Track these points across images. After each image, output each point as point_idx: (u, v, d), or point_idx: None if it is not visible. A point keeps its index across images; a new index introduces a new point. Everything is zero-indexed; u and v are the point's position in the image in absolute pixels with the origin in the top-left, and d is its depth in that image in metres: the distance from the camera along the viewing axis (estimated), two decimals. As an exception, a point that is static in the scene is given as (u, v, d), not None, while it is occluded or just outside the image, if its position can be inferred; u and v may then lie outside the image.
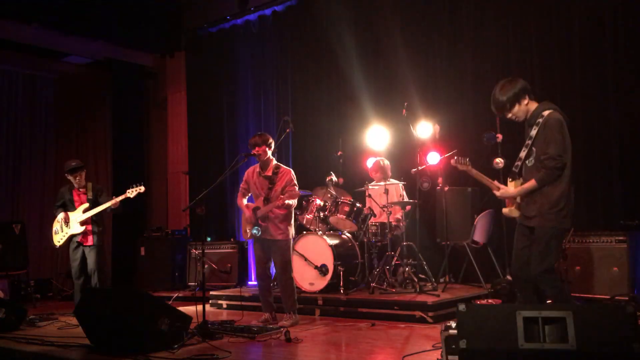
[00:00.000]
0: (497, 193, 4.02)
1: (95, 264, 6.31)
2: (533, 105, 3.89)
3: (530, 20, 6.62)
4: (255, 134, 5.59)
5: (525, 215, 3.84)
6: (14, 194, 9.70)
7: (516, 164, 3.92)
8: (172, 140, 10.44)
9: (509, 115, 3.91)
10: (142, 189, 6.26)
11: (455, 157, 4.22)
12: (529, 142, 3.82)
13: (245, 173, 5.67)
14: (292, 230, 5.49)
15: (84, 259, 6.34)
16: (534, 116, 3.83)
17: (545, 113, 3.77)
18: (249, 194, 5.62)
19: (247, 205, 5.51)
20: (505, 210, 4.02)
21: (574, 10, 6.31)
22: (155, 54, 10.40)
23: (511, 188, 3.93)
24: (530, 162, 3.83)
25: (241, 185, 5.66)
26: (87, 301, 4.72)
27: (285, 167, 5.52)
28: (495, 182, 4.04)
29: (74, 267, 6.37)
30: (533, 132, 3.79)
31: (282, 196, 5.19)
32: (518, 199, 3.91)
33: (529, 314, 2.98)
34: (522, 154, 3.87)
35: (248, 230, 5.40)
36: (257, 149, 5.41)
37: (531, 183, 3.78)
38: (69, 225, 6.33)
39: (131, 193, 6.25)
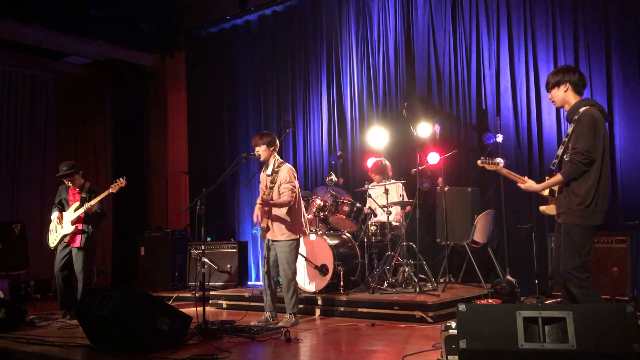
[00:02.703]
0: (522, 186, 4.05)
1: (82, 267, 6.19)
2: (573, 99, 3.89)
3: (533, 20, 6.61)
4: (258, 133, 5.58)
5: (557, 212, 3.87)
6: (14, 194, 9.70)
7: (554, 161, 3.95)
8: (172, 140, 10.45)
9: (549, 96, 3.99)
10: (123, 182, 6.20)
11: (482, 158, 4.22)
12: (566, 139, 3.86)
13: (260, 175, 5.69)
14: (298, 230, 5.41)
15: (69, 260, 6.28)
16: (571, 112, 3.85)
17: (582, 110, 3.77)
18: None
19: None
20: (542, 207, 4.04)
21: (578, 10, 6.31)
22: (155, 54, 10.40)
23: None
24: (567, 158, 3.83)
25: (259, 186, 5.66)
26: (87, 301, 4.71)
27: (286, 164, 5.51)
28: (524, 178, 4.05)
29: (56, 266, 6.32)
30: (570, 129, 3.83)
31: (262, 196, 5.19)
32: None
33: (529, 314, 2.99)
34: (560, 151, 3.91)
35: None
36: (257, 148, 5.41)
37: (557, 177, 3.82)
38: (62, 225, 6.31)
39: (114, 188, 6.19)
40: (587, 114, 3.74)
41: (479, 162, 4.23)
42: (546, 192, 4.00)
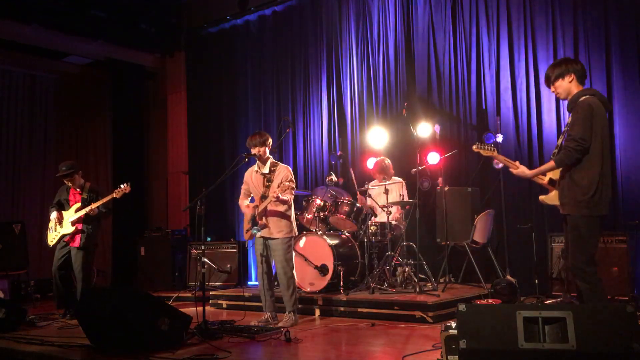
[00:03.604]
0: (514, 171, 4.06)
1: (82, 267, 6.19)
2: (576, 88, 3.86)
3: (533, 20, 6.61)
4: (254, 133, 5.57)
5: (560, 202, 3.83)
6: (14, 194, 9.70)
7: (554, 151, 3.95)
8: (172, 140, 10.45)
9: (552, 89, 3.96)
10: (127, 189, 6.21)
11: (477, 143, 4.21)
12: (566, 128, 3.85)
13: (245, 174, 5.67)
14: (293, 228, 5.47)
15: (67, 259, 6.27)
16: (572, 102, 3.83)
17: (581, 99, 3.76)
18: (251, 195, 5.61)
19: (247, 205, 5.51)
20: (542, 197, 4.02)
21: (578, 10, 6.31)
22: (155, 54, 10.40)
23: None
24: None
25: (242, 186, 5.66)
26: (87, 301, 4.71)
27: (282, 164, 5.52)
28: (516, 162, 4.06)
29: (54, 265, 6.31)
30: (569, 119, 3.82)
31: (275, 191, 5.17)
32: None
33: (529, 314, 2.98)
34: (559, 140, 3.90)
35: (248, 231, 5.41)
36: (257, 148, 5.40)
37: (549, 163, 3.82)
38: (62, 225, 6.31)
39: (117, 193, 6.20)
40: (585, 102, 3.72)
41: (474, 147, 4.25)
42: (546, 182, 3.99)
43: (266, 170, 5.45)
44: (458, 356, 3.06)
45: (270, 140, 5.49)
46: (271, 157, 5.54)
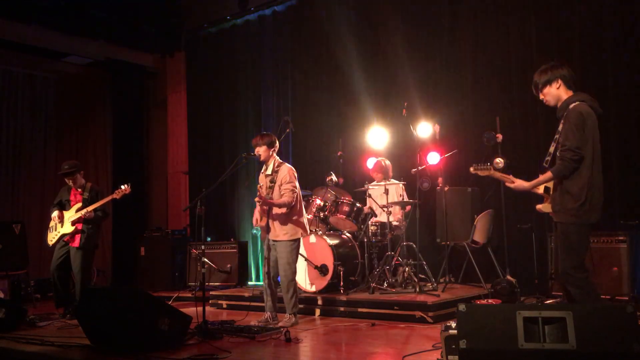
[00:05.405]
0: (511, 185, 4.02)
1: (81, 267, 6.20)
2: (565, 94, 3.82)
3: (532, 19, 6.62)
4: (258, 134, 5.59)
5: (553, 210, 3.82)
6: (13, 194, 9.69)
7: (546, 159, 3.90)
8: (172, 140, 10.45)
9: (541, 96, 3.92)
10: (127, 190, 6.22)
11: (474, 165, 4.20)
12: (557, 136, 3.81)
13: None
14: (298, 230, 5.41)
15: (66, 259, 6.28)
16: (562, 109, 3.79)
17: (571, 106, 3.72)
18: None
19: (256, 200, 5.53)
20: (539, 206, 4.00)
21: (577, 9, 6.32)
22: (155, 54, 10.40)
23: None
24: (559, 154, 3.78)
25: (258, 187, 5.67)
26: (87, 301, 4.71)
27: (285, 164, 5.52)
28: (510, 176, 4.03)
29: (53, 265, 6.33)
30: (560, 126, 3.78)
31: (263, 196, 5.21)
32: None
33: (529, 314, 2.98)
34: (552, 148, 3.86)
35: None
36: (257, 149, 5.42)
37: (547, 174, 3.78)
38: (63, 224, 6.32)
39: (118, 194, 6.22)
40: (575, 110, 3.69)
41: (471, 169, 4.23)
42: (541, 190, 3.98)
43: (269, 171, 5.46)
44: (458, 356, 3.05)
45: (273, 142, 5.48)
46: (276, 157, 5.53)
